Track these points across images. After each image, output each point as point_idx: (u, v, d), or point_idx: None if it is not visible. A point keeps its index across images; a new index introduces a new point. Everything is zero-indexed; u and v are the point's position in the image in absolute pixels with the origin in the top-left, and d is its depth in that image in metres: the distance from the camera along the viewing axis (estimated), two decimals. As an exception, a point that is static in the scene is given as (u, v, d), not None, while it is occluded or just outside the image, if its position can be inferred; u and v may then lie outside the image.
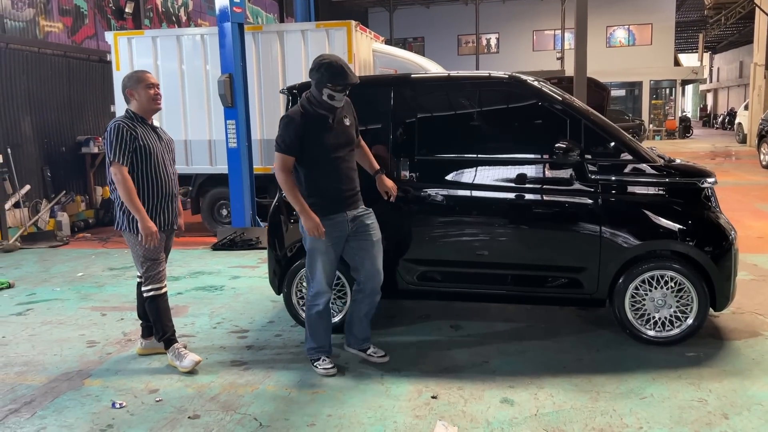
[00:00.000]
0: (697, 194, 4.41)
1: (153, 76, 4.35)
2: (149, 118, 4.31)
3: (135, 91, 4.22)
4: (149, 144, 4.18)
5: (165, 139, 4.40)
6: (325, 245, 4.02)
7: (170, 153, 4.41)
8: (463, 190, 4.58)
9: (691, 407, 3.55)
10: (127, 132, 4.10)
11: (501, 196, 4.53)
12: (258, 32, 8.92)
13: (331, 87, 3.88)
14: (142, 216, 4.10)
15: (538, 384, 3.90)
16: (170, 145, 4.45)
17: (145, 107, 4.25)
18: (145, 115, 4.27)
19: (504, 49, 36.54)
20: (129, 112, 4.26)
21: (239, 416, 3.59)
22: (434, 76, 5.26)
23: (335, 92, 3.91)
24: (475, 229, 4.61)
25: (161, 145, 4.30)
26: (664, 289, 4.37)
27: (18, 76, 9.56)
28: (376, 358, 4.29)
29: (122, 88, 4.28)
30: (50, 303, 6.00)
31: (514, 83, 4.61)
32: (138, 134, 4.14)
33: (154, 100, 4.26)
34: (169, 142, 4.44)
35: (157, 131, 4.37)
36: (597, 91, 14.89)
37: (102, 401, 3.83)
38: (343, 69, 3.88)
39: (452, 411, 3.58)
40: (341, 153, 4.04)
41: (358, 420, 3.51)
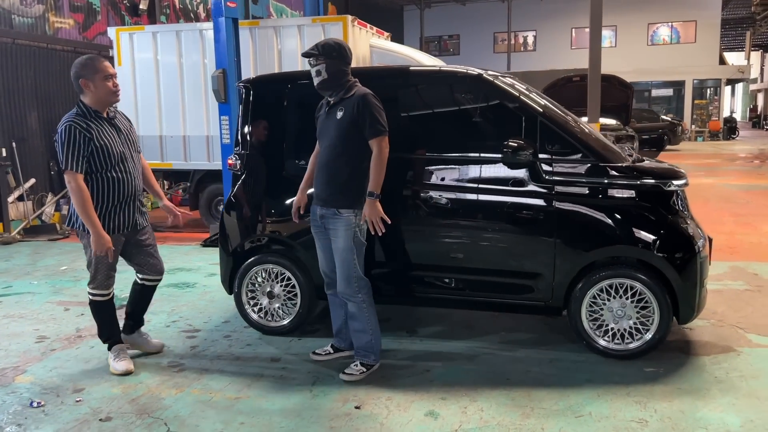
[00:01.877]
0: (662, 197, 4.10)
1: (110, 65, 4.04)
2: (104, 111, 3.99)
3: (91, 82, 3.88)
4: (106, 143, 3.89)
5: (124, 130, 4.08)
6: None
7: (131, 144, 4.09)
8: (413, 190, 4.36)
9: (626, 428, 3.28)
10: (80, 134, 3.80)
11: (451, 196, 4.29)
12: (255, 27, 8.83)
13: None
14: (96, 230, 3.83)
15: (473, 396, 3.67)
16: (129, 136, 4.11)
17: (102, 100, 3.93)
18: (102, 108, 3.96)
19: (541, 46, 35.88)
20: (81, 107, 3.91)
21: (151, 420, 3.46)
22: (383, 70, 5.07)
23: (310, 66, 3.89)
24: (424, 231, 4.38)
25: (120, 139, 4.00)
26: (624, 299, 4.08)
27: (25, 72, 9.71)
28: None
29: (74, 76, 3.92)
30: (21, 296, 6.01)
31: (466, 77, 4.37)
32: (93, 134, 3.84)
33: (113, 93, 3.95)
34: (128, 133, 4.11)
35: (115, 122, 4.03)
36: (621, 89, 14.41)
37: (23, 399, 3.76)
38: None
39: (369, 423, 3.38)
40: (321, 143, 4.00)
41: (269, 429, 3.34)
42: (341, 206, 3.87)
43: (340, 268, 3.93)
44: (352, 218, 3.87)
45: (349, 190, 3.87)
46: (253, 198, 4.70)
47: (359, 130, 3.80)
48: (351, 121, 3.80)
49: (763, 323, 4.79)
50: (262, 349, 4.49)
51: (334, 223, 3.91)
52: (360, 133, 3.80)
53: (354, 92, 3.84)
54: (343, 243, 3.89)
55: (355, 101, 3.80)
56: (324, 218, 3.95)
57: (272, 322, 4.71)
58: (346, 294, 3.97)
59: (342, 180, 3.87)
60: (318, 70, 3.83)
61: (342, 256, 3.91)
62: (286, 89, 4.66)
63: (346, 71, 3.88)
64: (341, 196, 3.88)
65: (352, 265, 3.91)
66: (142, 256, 4.25)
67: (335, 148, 3.87)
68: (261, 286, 4.70)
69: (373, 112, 3.78)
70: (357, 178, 3.85)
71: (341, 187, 3.87)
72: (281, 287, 4.67)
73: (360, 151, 3.84)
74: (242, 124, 4.73)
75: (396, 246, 4.39)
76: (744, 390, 3.69)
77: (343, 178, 3.87)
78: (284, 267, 4.62)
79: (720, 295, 5.52)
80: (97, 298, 4.12)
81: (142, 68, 9.24)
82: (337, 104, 3.87)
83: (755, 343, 4.42)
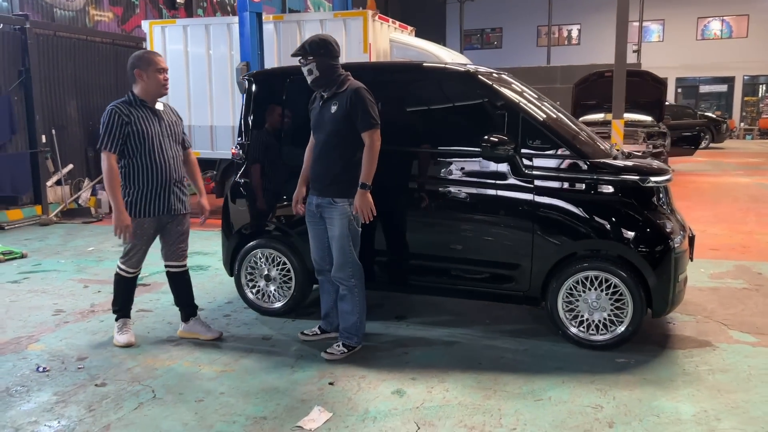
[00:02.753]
0: (640, 193, 4.19)
1: (163, 59, 4.32)
2: (152, 103, 4.25)
3: (144, 73, 4.17)
4: (144, 128, 4.15)
5: (167, 122, 4.33)
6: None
7: (173, 135, 4.34)
8: (401, 182, 4.55)
9: (581, 413, 3.42)
10: (119, 118, 4.08)
11: (437, 188, 4.47)
12: (279, 21, 9.12)
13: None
14: (118, 208, 4.13)
15: (442, 378, 3.86)
16: (172, 128, 4.36)
17: (151, 92, 4.21)
18: (148, 99, 4.23)
19: (585, 40, 35.35)
20: (129, 95, 4.22)
21: (140, 387, 3.76)
22: (369, 65, 5.25)
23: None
24: (411, 221, 4.58)
25: (160, 129, 4.25)
26: (599, 291, 4.19)
27: (65, 63, 10.22)
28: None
29: (130, 67, 4.19)
30: (48, 273, 6.44)
31: (454, 74, 4.53)
32: (132, 119, 4.12)
33: (163, 85, 4.22)
34: (171, 125, 4.35)
35: (159, 114, 4.29)
36: (654, 85, 14.15)
37: (32, 365, 4.11)
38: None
39: (338, 397, 3.61)
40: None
41: (245, 400, 3.60)
42: (336, 195, 4.09)
43: (337, 254, 4.15)
44: (347, 207, 4.09)
45: (343, 180, 4.08)
46: (253, 186, 4.96)
47: (352, 123, 4.00)
48: (345, 115, 4.01)
49: (749, 321, 4.82)
50: (256, 329, 4.76)
51: (330, 212, 4.13)
52: (353, 126, 4.01)
53: (347, 86, 4.05)
54: (339, 230, 4.11)
55: (348, 95, 4.01)
56: (320, 207, 4.17)
57: (268, 304, 4.98)
58: (340, 278, 4.19)
59: (337, 171, 4.08)
60: (309, 69, 4.04)
61: (338, 243, 4.13)
62: (286, 83, 4.89)
63: (336, 66, 4.08)
64: (336, 186, 4.09)
65: (348, 251, 4.13)
66: (172, 240, 4.49)
67: (330, 141, 4.09)
68: (259, 269, 4.97)
69: (365, 106, 3.98)
70: (351, 168, 4.07)
71: (336, 177, 4.09)
72: (278, 271, 4.93)
73: (354, 143, 4.05)
74: (245, 115, 5.00)
75: (385, 235, 4.60)
76: (708, 383, 3.78)
77: (337, 169, 4.08)
78: (281, 252, 4.88)
79: (715, 292, 5.55)
80: (122, 273, 4.44)
81: (173, 60, 9.61)
82: (331, 98, 4.08)
83: (735, 339, 4.47)
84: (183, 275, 4.61)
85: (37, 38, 9.59)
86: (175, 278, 4.59)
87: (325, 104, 4.10)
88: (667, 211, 4.34)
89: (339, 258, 4.13)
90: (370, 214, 4.02)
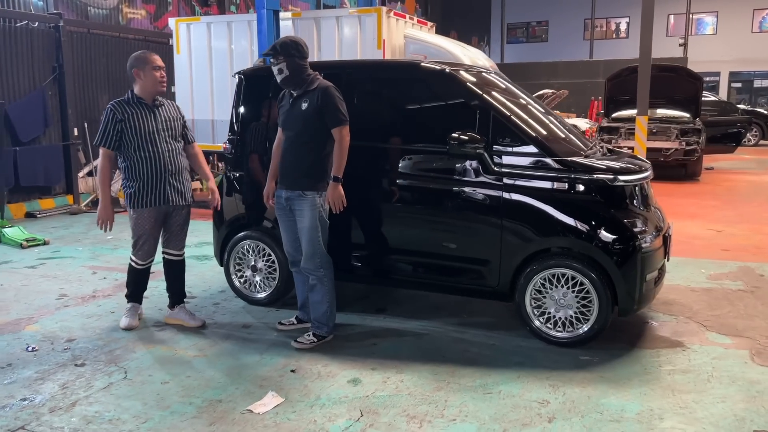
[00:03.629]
0: (608, 192, 4.19)
1: (159, 58, 4.55)
2: (150, 100, 4.47)
3: (142, 72, 4.41)
4: (138, 125, 4.38)
5: (164, 118, 4.51)
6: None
7: (170, 131, 4.53)
8: (375, 177, 4.66)
9: (526, 407, 3.48)
10: (114, 116, 4.35)
11: (412, 184, 4.57)
12: (297, 18, 9.31)
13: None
14: (104, 200, 4.43)
15: (400, 369, 3.96)
16: (170, 123, 4.54)
17: (149, 89, 4.44)
18: (147, 97, 4.45)
19: (634, 33, 34.35)
20: (128, 94, 4.47)
21: (115, 368, 4.00)
22: (344, 63, 5.39)
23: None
24: (386, 216, 4.68)
25: (155, 125, 4.45)
26: (565, 289, 4.22)
27: (98, 59, 10.67)
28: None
29: (129, 67, 4.43)
30: (63, 260, 6.80)
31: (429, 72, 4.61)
32: (126, 116, 4.36)
33: (159, 82, 4.46)
34: (169, 120, 4.54)
35: (157, 109, 4.50)
36: (690, 80, 13.79)
37: (23, 344, 4.40)
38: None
39: (296, 384, 3.76)
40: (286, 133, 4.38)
41: (207, 384, 3.79)
42: (306, 188, 4.25)
43: (306, 245, 4.31)
44: (317, 199, 4.24)
45: (312, 174, 4.24)
46: (242, 179, 5.15)
47: (322, 119, 4.15)
48: (315, 112, 4.16)
49: (731, 323, 4.75)
50: (240, 317, 4.96)
51: (299, 204, 4.29)
52: (323, 123, 4.16)
53: (317, 85, 4.20)
54: (308, 222, 4.27)
55: (318, 93, 4.17)
56: (290, 200, 4.33)
57: (253, 294, 5.17)
58: (309, 269, 4.35)
59: (306, 165, 4.24)
60: (279, 68, 4.20)
61: (307, 235, 4.29)
62: (272, 81, 5.04)
63: (305, 66, 4.23)
64: (306, 179, 4.25)
65: (317, 242, 4.28)
66: (172, 230, 4.72)
67: (300, 137, 4.25)
68: (246, 260, 5.16)
69: (335, 103, 4.14)
70: (320, 163, 4.22)
71: (306, 171, 4.25)
72: (264, 262, 5.11)
73: (323, 139, 4.20)
74: (235, 111, 5.19)
75: (360, 229, 4.74)
76: (664, 382, 3.78)
77: (307, 163, 4.24)
78: (266, 244, 5.05)
79: (708, 293, 5.48)
80: (133, 264, 4.72)
81: (198, 56, 9.95)
82: (302, 96, 4.23)
83: (710, 341, 4.43)
84: (179, 264, 4.84)
85: (70, 35, 10.05)
86: (171, 265, 4.82)
87: (295, 102, 4.25)
88: (638, 209, 4.33)
89: (308, 249, 4.28)
90: (341, 206, 4.16)
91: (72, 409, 3.48)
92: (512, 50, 36.27)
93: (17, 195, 9.38)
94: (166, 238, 4.75)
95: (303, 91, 4.21)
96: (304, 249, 4.30)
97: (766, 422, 3.31)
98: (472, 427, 3.27)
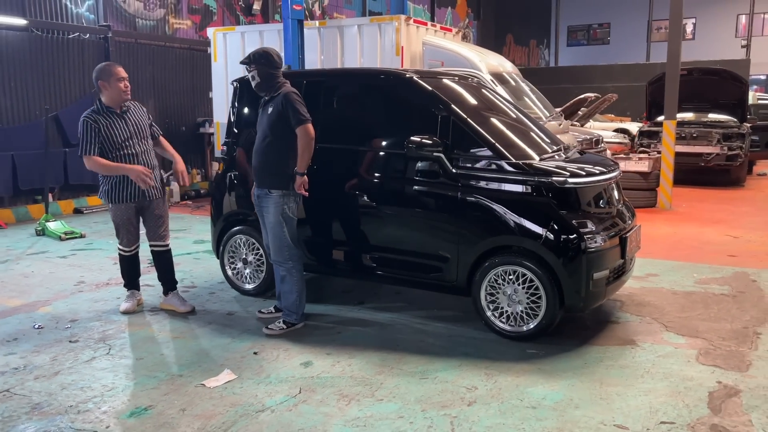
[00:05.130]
0: (558, 193, 4.37)
1: (123, 69, 5.09)
2: (117, 108, 4.98)
3: (107, 83, 4.95)
4: (112, 132, 4.85)
5: (133, 122, 5.03)
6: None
7: (140, 133, 5.01)
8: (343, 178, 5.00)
9: (453, 391, 3.73)
10: (91, 127, 4.81)
11: (379, 185, 4.88)
12: (322, 27, 9.75)
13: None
14: (125, 169, 4.86)
15: (353, 354, 4.28)
16: (139, 126, 5.00)
17: (114, 98, 4.94)
18: (114, 105, 4.93)
19: (701, 35, 33.32)
20: (97, 105, 4.99)
21: (102, 346, 4.49)
22: (320, 72, 5.74)
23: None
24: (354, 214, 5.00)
25: (127, 130, 4.94)
26: (516, 285, 4.44)
27: (145, 67, 11.44)
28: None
29: (94, 79, 4.99)
30: (92, 251, 7.45)
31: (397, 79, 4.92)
32: (101, 126, 4.82)
33: (123, 92, 4.97)
34: (138, 124, 5.01)
35: (125, 115, 4.96)
36: (734, 84, 13.45)
37: (32, 323, 4.96)
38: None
39: (252, 365, 4.14)
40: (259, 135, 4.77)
41: (175, 361, 4.22)
42: (272, 186, 4.63)
43: (272, 239, 4.71)
44: (281, 197, 4.63)
45: (278, 173, 4.62)
46: (236, 178, 5.59)
47: (285, 122, 4.53)
48: (278, 115, 4.56)
49: (693, 324, 4.83)
50: (228, 306, 5.39)
51: (266, 201, 4.68)
52: (286, 125, 4.54)
53: (280, 91, 4.59)
54: (273, 218, 4.66)
55: (280, 98, 4.56)
56: (259, 198, 4.74)
57: (243, 284, 5.60)
58: (278, 261, 4.74)
59: (272, 164, 4.63)
60: (252, 75, 4.62)
61: (273, 230, 4.68)
62: (263, 88, 5.46)
63: (275, 74, 4.63)
64: (272, 177, 4.64)
65: (282, 236, 4.66)
66: (151, 223, 5.23)
67: (266, 138, 4.64)
68: (239, 253, 5.59)
69: (295, 106, 4.51)
70: (284, 162, 4.61)
71: (271, 169, 4.64)
72: (254, 256, 5.53)
73: (287, 140, 4.58)
74: (230, 116, 5.64)
75: (333, 226, 5.09)
76: (597, 376, 3.94)
77: (272, 162, 4.63)
78: (255, 239, 5.47)
79: (687, 297, 5.53)
80: (121, 252, 5.25)
81: (233, 63, 10.52)
82: (269, 101, 4.64)
83: (664, 340, 4.54)
84: (165, 254, 5.30)
85: (118, 45, 10.84)
86: (158, 256, 5.30)
87: (264, 107, 4.65)
88: (592, 210, 4.49)
89: (274, 243, 4.66)
90: (305, 193, 4.57)
91: (54, 377, 3.97)
92: (573, 53, 35.79)
93: (67, 192, 10.20)
94: (147, 231, 5.22)
95: (270, 97, 4.61)
96: (270, 243, 4.69)
97: (678, 415, 3.45)
98: (394, 407, 3.56)
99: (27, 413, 3.51)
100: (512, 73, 9.88)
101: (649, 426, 3.33)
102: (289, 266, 4.70)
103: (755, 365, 4.09)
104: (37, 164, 9.30)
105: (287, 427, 3.34)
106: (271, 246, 4.71)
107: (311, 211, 5.12)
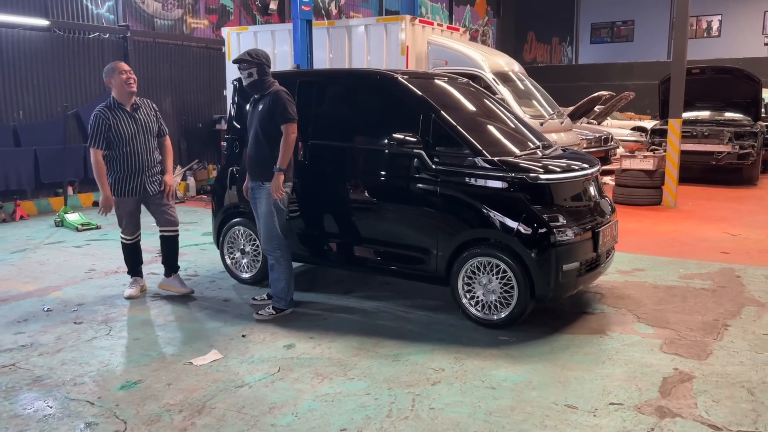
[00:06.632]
0: (529, 188, 4.59)
1: (126, 64, 5.44)
2: (127, 103, 5.36)
3: (112, 78, 5.29)
4: (122, 130, 5.20)
5: (142, 120, 5.39)
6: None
7: (148, 131, 5.35)
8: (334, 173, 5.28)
9: (420, 372, 3.99)
10: (103, 122, 5.17)
11: (365, 179, 5.15)
12: (331, 27, 10.04)
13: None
14: (104, 192, 5.26)
15: (333, 338, 4.56)
16: (147, 125, 5.35)
17: (120, 91, 5.29)
18: (123, 100, 5.33)
19: (727, 32, 32.94)
20: (109, 100, 5.36)
21: (104, 327, 4.84)
22: (313, 72, 6.02)
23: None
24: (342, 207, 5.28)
25: (135, 127, 5.30)
26: (491, 276, 4.67)
27: (162, 65, 11.85)
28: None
29: (104, 78, 5.38)
30: (106, 242, 7.84)
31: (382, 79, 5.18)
32: (111, 123, 5.17)
33: (126, 83, 5.30)
34: (146, 122, 5.35)
35: (135, 113, 5.32)
36: (747, 82, 13.42)
37: (42, 306, 5.33)
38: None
39: (239, 346, 4.44)
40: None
41: (168, 342, 4.54)
42: (264, 179, 4.94)
43: (263, 228, 5.01)
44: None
45: (269, 166, 4.91)
46: (236, 173, 5.90)
47: (274, 118, 4.82)
48: (268, 112, 4.85)
49: (666, 317, 5.00)
50: (226, 293, 5.70)
51: (259, 193, 4.98)
52: (275, 121, 4.83)
53: (271, 89, 4.88)
54: (265, 208, 4.96)
55: (271, 96, 4.85)
56: (252, 189, 5.04)
57: (241, 273, 5.91)
58: (267, 249, 5.04)
59: (264, 158, 4.93)
60: (250, 72, 4.90)
61: (264, 220, 4.98)
62: (260, 87, 5.76)
63: (269, 73, 4.92)
64: (264, 170, 4.94)
65: (272, 226, 4.96)
66: (159, 212, 5.59)
67: (258, 134, 4.94)
68: (237, 243, 5.91)
69: (284, 104, 4.81)
70: (275, 156, 4.89)
71: (263, 163, 4.93)
72: (251, 247, 5.84)
73: (277, 136, 4.87)
74: (230, 114, 5.95)
75: (321, 218, 5.37)
76: (560, 361, 4.16)
77: (264, 157, 4.93)
78: (251, 230, 5.77)
79: (667, 291, 5.70)
80: (123, 240, 5.62)
81: (246, 62, 10.86)
82: (260, 99, 4.94)
83: (633, 330, 4.73)
84: (174, 239, 5.66)
85: (136, 45, 11.26)
86: (167, 240, 5.65)
87: (256, 104, 4.95)
88: (565, 205, 4.70)
89: (264, 232, 4.96)
90: (281, 193, 4.83)
91: (56, 354, 4.32)
92: (596, 50, 35.59)
93: (86, 186, 10.64)
94: (156, 220, 5.60)
95: (261, 95, 4.90)
96: (261, 232, 5.00)
97: (628, 398, 3.66)
98: (363, 385, 3.83)
99: (28, 384, 3.86)
100: (518, 72, 10.06)
101: (598, 406, 3.55)
102: (278, 255, 4.99)
103: (715, 354, 4.27)
104: (58, 158, 9.75)
105: (261, 400, 3.63)
106: (262, 235, 5.02)
107: (303, 205, 5.41)
